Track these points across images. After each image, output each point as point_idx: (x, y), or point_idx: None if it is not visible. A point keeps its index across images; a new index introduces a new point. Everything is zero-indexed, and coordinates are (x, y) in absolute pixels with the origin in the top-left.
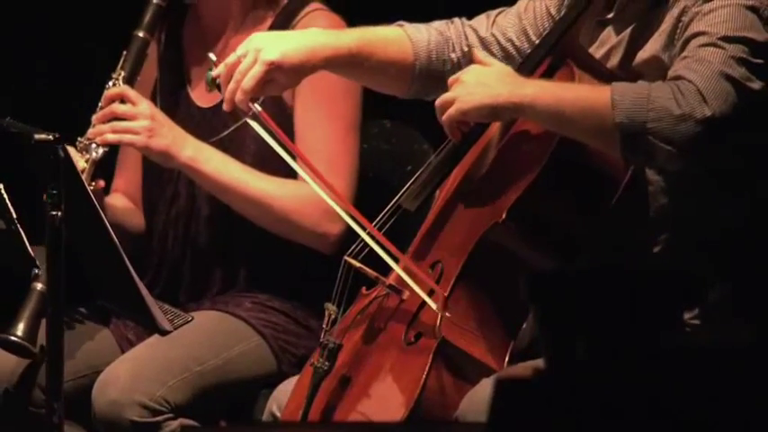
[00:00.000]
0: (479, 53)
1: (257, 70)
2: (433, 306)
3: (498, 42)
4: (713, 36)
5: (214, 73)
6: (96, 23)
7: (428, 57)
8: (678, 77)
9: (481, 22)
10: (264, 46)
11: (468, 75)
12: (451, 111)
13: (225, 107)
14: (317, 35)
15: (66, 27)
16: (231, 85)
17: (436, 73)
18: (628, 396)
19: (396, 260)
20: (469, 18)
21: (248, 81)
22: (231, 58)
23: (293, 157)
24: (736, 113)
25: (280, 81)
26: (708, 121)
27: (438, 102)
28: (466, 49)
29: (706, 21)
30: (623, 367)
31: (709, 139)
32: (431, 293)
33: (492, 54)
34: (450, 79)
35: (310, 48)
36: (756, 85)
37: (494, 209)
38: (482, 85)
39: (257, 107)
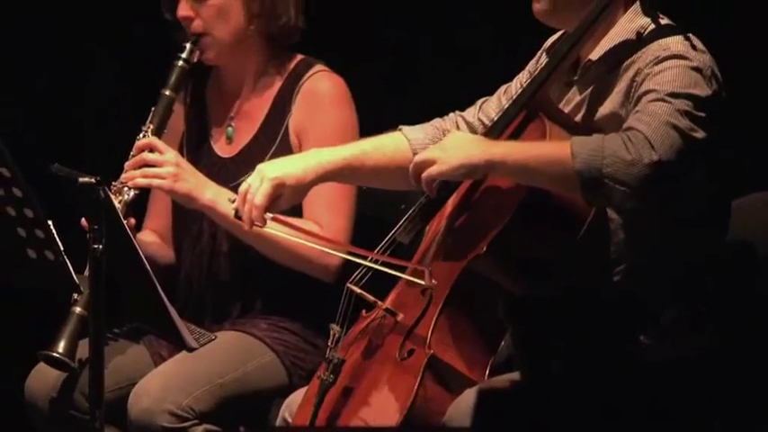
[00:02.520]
0: (454, 129)
1: (264, 187)
2: (421, 281)
3: (483, 124)
4: (661, 93)
5: (234, 205)
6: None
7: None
8: (629, 128)
9: (470, 111)
10: (268, 168)
11: (446, 140)
12: (432, 170)
13: (245, 227)
14: (314, 153)
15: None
16: (246, 207)
17: None
18: (594, 403)
19: (402, 269)
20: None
21: (258, 198)
22: (243, 187)
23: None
24: (681, 159)
25: (287, 196)
26: (656, 165)
27: (416, 162)
28: None
29: (656, 80)
30: (590, 379)
31: (657, 180)
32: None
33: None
34: (430, 137)
35: (307, 166)
36: (700, 134)
37: (476, 243)
38: (457, 148)
39: (269, 215)
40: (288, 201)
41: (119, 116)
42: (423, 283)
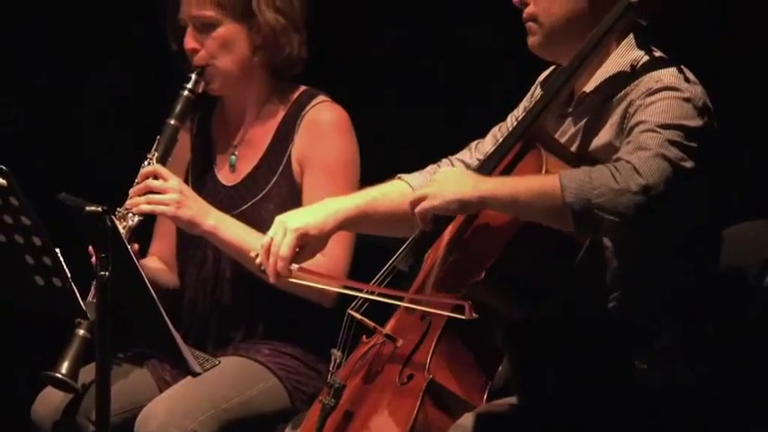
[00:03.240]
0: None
1: (289, 238)
2: (461, 316)
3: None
4: (652, 124)
5: (258, 261)
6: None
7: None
8: (618, 159)
9: (465, 153)
10: (288, 220)
11: (438, 175)
12: (425, 204)
13: (271, 279)
14: (329, 203)
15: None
16: (271, 260)
17: None
18: (589, 427)
19: (400, 299)
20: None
21: (284, 249)
22: (265, 240)
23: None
24: (671, 187)
25: (311, 245)
26: (644, 193)
27: (412, 198)
28: None
29: (647, 111)
30: (584, 403)
31: (647, 208)
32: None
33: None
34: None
35: (326, 214)
36: (689, 164)
37: (474, 269)
38: (450, 183)
39: (295, 266)
40: (313, 251)
41: (118, 116)
42: (464, 317)
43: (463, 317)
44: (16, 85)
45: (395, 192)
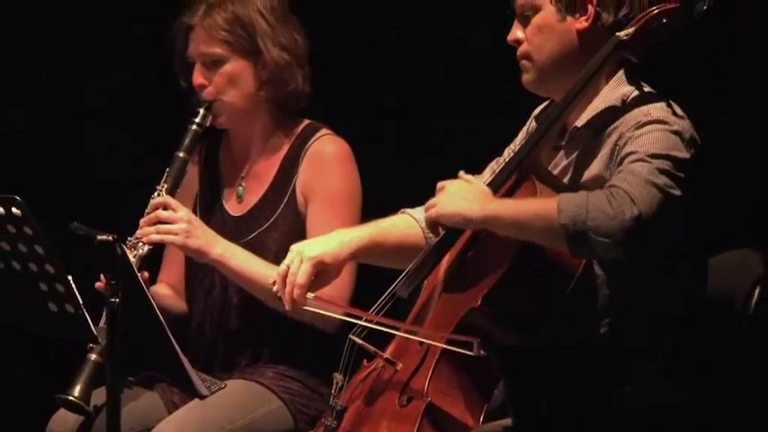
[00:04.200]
0: (464, 174)
1: (306, 266)
2: (470, 352)
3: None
4: (642, 154)
5: (275, 288)
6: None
7: (436, 228)
8: (612, 186)
9: None
10: (305, 248)
11: (452, 186)
12: (431, 212)
13: (287, 307)
14: (342, 233)
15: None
16: (288, 288)
17: None
18: None
19: (396, 329)
20: None
21: (300, 277)
22: (281, 268)
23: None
24: (660, 214)
25: (326, 273)
26: (636, 218)
27: (426, 204)
28: None
29: (637, 143)
30: (576, 424)
31: (638, 233)
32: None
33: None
34: (439, 185)
35: (340, 243)
36: (678, 192)
37: (471, 296)
38: (460, 197)
39: (311, 295)
40: (328, 279)
41: (119, 116)
42: (471, 353)
43: (460, 350)
44: (16, 85)
45: (402, 223)
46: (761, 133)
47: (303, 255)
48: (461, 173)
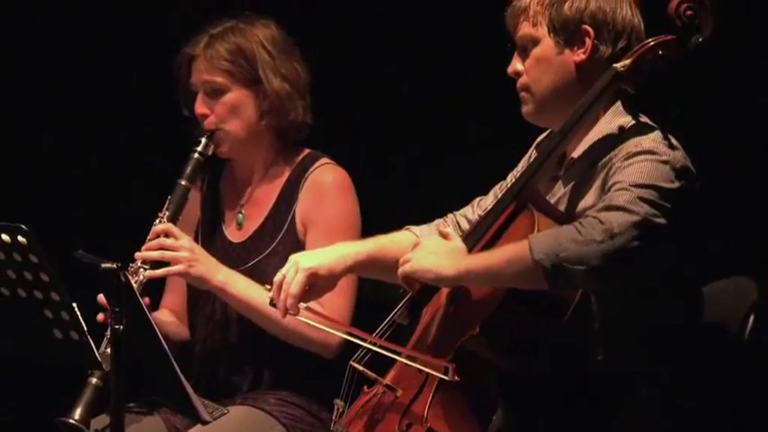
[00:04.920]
0: (444, 228)
1: (300, 277)
2: (445, 377)
3: (459, 235)
4: (626, 183)
5: (270, 295)
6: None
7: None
8: (585, 216)
9: (467, 210)
10: (301, 259)
11: (427, 242)
12: (405, 267)
13: (280, 315)
14: (341, 247)
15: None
16: (282, 296)
17: None
18: None
19: (398, 354)
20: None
21: (294, 287)
22: (277, 277)
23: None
24: (639, 240)
25: (320, 285)
26: (608, 240)
27: (401, 259)
28: (461, 233)
29: (624, 172)
30: None
31: (612, 256)
32: (440, 370)
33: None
34: (415, 242)
35: (338, 256)
36: (662, 220)
37: (469, 324)
38: (434, 254)
39: (303, 305)
40: (321, 291)
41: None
42: (446, 378)
43: (446, 377)
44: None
45: (404, 240)
46: (755, 162)
47: (299, 265)
48: (440, 227)
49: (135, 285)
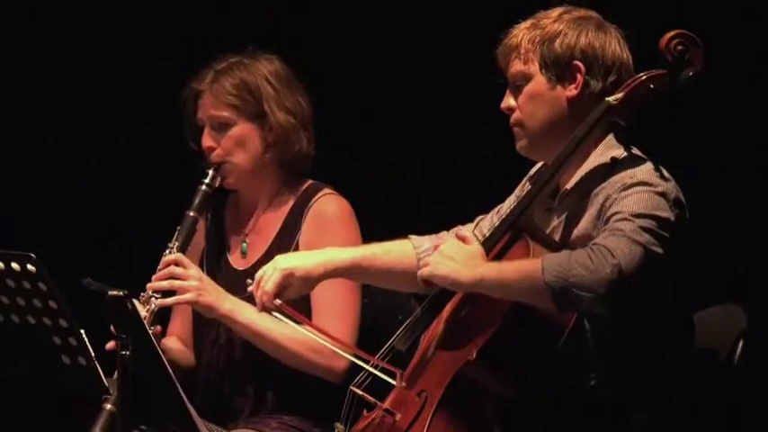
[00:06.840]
0: (463, 231)
1: (275, 276)
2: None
3: (477, 239)
4: (626, 213)
5: (250, 289)
6: None
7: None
8: (594, 243)
9: (470, 226)
10: (280, 259)
11: (446, 247)
12: (424, 271)
13: (257, 309)
14: (326, 252)
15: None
16: (258, 292)
17: None
18: None
19: (393, 375)
20: None
21: (268, 284)
22: (259, 274)
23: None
24: (642, 269)
25: (295, 286)
26: (617, 273)
27: (422, 262)
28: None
29: (623, 203)
30: None
31: (620, 286)
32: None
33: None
34: (434, 245)
35: (317, 261)
36: (660, 249)
37: (466, 350)
38: (452, 260)
39: (278, 301)
40: (295, 291)
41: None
42: (394, 382)
43: (384, 377)
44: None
45: (396, 250)
46: (745, 192)
47: (277, 264)
48: (458, 228)
49: (147, 314)
